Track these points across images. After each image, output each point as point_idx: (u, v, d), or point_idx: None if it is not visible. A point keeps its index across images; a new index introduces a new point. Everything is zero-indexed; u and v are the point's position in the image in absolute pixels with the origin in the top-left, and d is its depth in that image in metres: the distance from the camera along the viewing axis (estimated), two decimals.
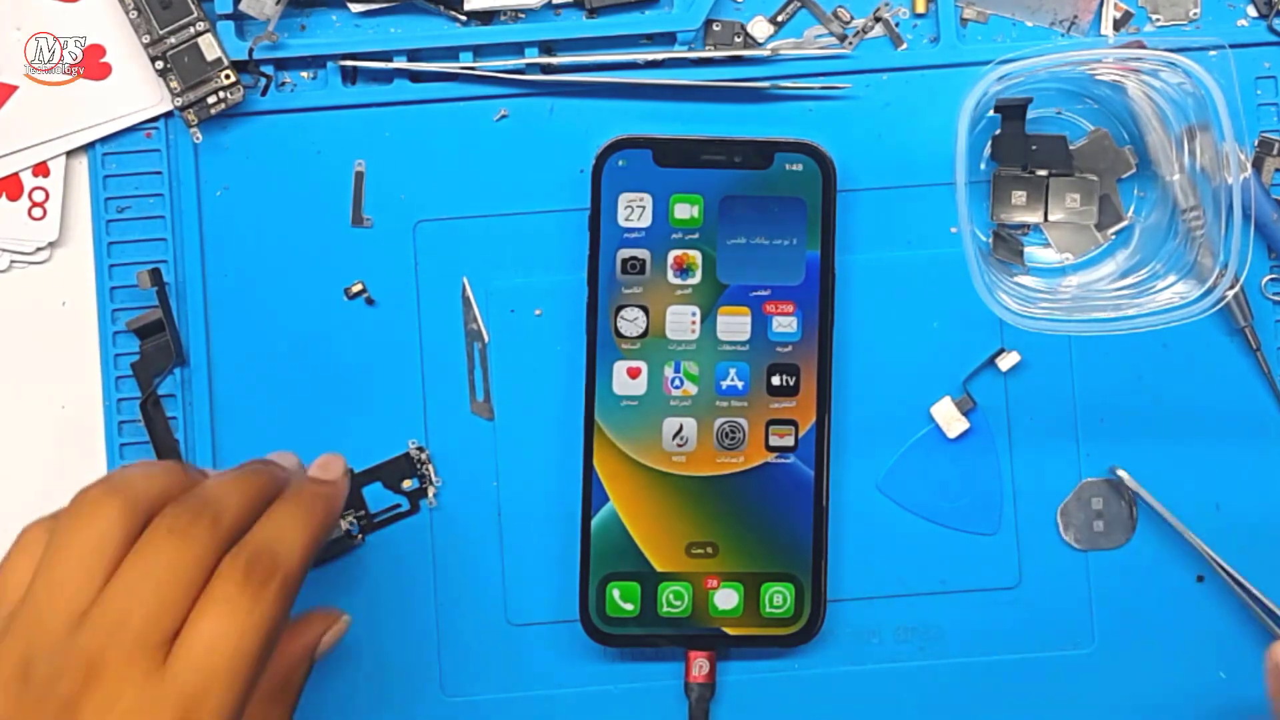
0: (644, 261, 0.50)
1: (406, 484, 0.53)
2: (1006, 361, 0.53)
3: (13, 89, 0.54)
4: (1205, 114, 0.49)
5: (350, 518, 0.53)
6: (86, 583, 0.38)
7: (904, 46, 0.54)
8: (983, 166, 0.54)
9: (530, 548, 0.53)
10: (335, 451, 0.46)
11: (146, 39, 0.53)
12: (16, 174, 0.54)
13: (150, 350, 0.52)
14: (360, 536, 0.53)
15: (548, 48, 0.53)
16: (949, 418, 0.53)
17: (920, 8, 0.54)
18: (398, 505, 0.53)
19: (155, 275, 0.52)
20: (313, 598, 0.49)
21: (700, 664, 0.52)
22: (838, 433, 0.53)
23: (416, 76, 0.54)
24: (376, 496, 0.53)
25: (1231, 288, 0.48)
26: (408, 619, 0.53)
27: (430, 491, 0.53)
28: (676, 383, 0.50)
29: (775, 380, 0.50)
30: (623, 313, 0.50)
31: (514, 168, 0.54)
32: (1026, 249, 0.54)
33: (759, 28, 0.54)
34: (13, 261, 0.54)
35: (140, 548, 0.38)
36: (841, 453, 0.53)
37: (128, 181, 0.54)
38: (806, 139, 0.51)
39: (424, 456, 0.53)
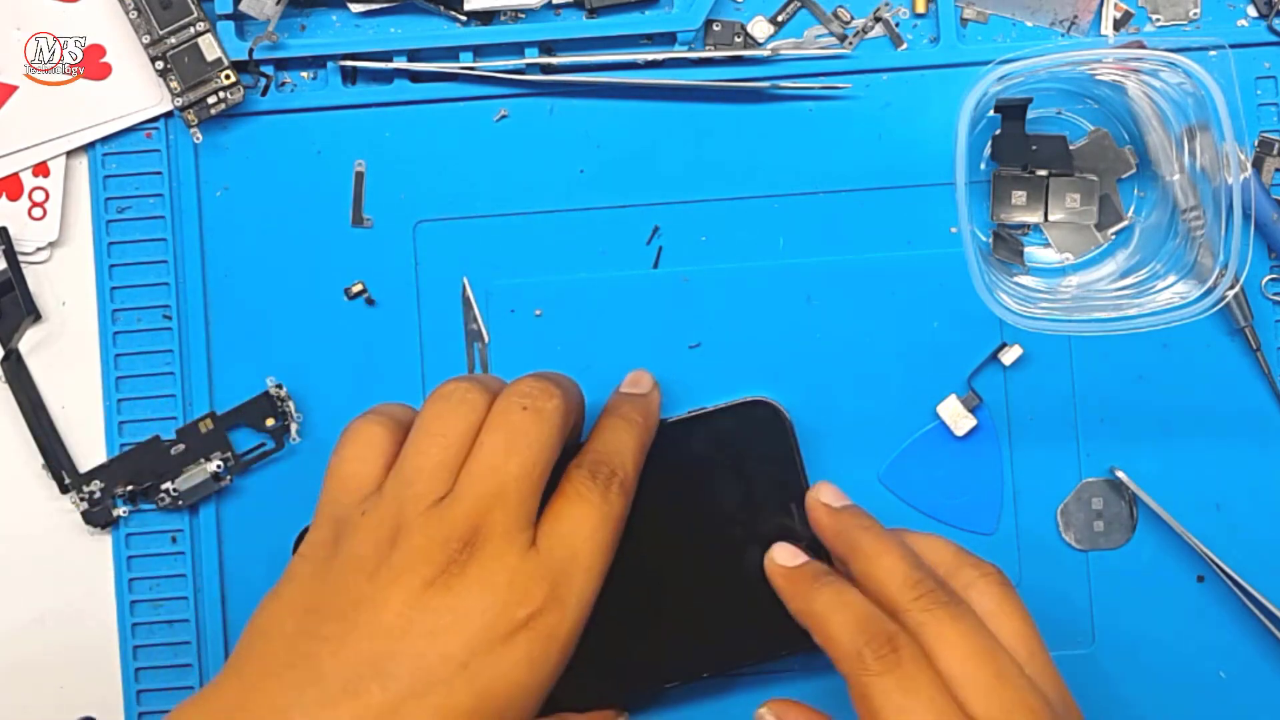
0: None
1: (269, 423, 0.53)
2: (1010, 355, 0.53)
3: (13, 89, 0.54)
4: (1205, 114, 0.49)
5: (217, 461, 0.52)
6: (455, 461, 0.43)
7: (904, 46, 0.54)
8: (983, 166, 0.54)
9: None
10: (640, 367, 0.51)
11: (146, 39, 0.53)
12: (16, 174, 0.54)
13: (6, 307, 0.53)
14: (229, 478, 0.53)
15: (548, 48, 0.53)
16: (956, 415, 0.53)
17: (920, 8, 0.54)
18: (263, 444, 0.53)
19: (3, 234, 0.53)
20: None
21: None
22: (840, 431, 0.53)
23: (416, 76, 0.54)
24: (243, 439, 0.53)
25: (1231, 288, 0.48)
26: None
27: (293, 428, 0.53)
28: None
29: None
30: None
31: (514, 168, 0.54)
32: (1026, 249, 0.54)
33: (759, 28, 0.54)
34: None
35: (501, 424, 0.43)
36: (843, 453, 0.53)
37: (128, 181, 0.54)
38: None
39: (283, 393, 0.53)
